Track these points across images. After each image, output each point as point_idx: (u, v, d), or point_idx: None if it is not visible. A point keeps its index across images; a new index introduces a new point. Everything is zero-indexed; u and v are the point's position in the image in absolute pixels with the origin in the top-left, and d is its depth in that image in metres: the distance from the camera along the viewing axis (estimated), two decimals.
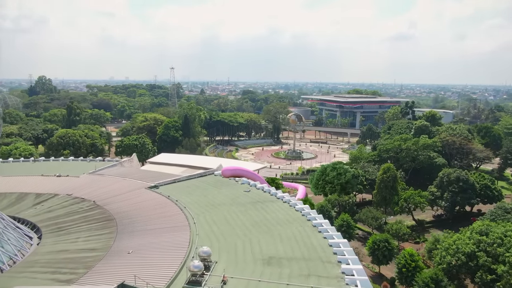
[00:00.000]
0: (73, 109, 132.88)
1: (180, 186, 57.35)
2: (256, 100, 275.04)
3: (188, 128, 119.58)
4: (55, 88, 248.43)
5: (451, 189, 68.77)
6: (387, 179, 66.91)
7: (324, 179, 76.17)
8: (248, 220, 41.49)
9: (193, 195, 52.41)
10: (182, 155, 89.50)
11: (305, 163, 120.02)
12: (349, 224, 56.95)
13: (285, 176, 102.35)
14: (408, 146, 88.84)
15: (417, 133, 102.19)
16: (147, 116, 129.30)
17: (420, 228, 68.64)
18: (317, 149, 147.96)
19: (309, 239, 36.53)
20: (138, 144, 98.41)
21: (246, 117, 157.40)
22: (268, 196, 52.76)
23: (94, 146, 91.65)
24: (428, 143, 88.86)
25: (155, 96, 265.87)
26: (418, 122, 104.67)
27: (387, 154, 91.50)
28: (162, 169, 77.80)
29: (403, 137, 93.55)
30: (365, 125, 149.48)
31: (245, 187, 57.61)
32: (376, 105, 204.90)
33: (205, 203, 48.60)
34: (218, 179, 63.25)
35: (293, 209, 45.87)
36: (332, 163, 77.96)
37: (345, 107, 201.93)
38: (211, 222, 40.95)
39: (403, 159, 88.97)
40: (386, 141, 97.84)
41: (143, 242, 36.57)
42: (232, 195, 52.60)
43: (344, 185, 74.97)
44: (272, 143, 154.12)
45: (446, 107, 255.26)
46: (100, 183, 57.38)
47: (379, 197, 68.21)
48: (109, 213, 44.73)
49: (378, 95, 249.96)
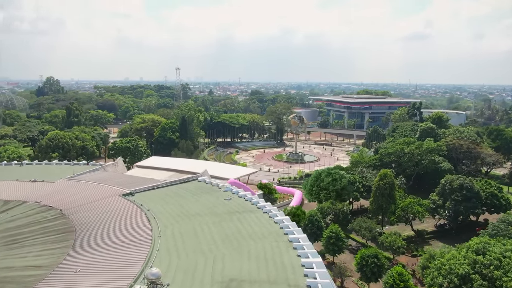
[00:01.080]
0: (72, 110, 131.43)
1: (158, 193, 54.24)
2: (264, 101, 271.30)
3: (185, 130, 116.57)
4: (63, 89, 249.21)
5: (453, 198, 63.81)
6: (384, 186, 62.35)
7: (319, 185, 72.02)
8: (219, 233, 37.99)
9: (169, 204, 49.21)
10: (172, 158, 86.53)
11: (306, 166, 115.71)
12: (338, 236, 52.74)
13: (282, 180, 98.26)
14: (411, 150, 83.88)
15: (422, 136, 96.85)
16: (145, 118, 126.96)
17: (419, 239, 63.83)
18: (320, 151, 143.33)
19: (281, 257, 32.73)
20: (131, 147, 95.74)
21: (248, 118, 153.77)
22: (248, 206, 49.12)
23: (85, 148, 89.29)
24: (432, 147, 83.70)
25: (162, 97, 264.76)
26: (424, 125, 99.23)
27: (389, 158, 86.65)
28: (149, 173, 74.86)
29: (406, 140, 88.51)
30: (371, 127, 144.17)
31: (227, 194, 54.27)
32: (385, 106, 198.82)
33: (179, 212, 45.35)
34: (201, 185, 59.96)
35: (271, 221, 42.12)
36: (327, 168, 73.74)
37: (353, 108, 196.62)
38: (178, 235, 37.53)
39: (405, 163, 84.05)
40: (388, 144, 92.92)
41: (96, 258, 33.31)
42: (210, 204, 49.26)
43: (340, 192, 70.72)
44: (274, 145, 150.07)
45: (460, 108, 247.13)
46: (73, 190, 54.52)
47: (375, 205, 63.69)
48: (71, 224, 41.66)
49: (388, 96, 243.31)
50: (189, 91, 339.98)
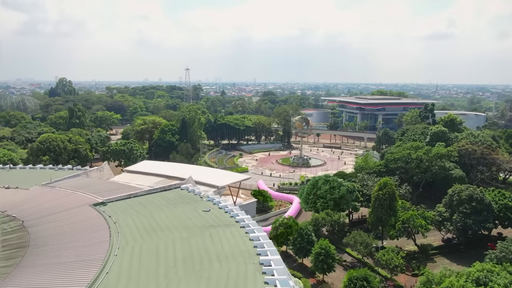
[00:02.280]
0: (75, 111, 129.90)
1: (133, 203, 50.65)
2: (276, 102, 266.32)
3: (185, 132, 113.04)
4: (74, 89, 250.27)
5: (461, 210, 57.78)
6: (383, 197, 56.89)
7: (316, 193, 66.96)
8: (184, 252, 33.90)
9: (140, 215, 45.53)
10: (165, 163, 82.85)
11: (311, 171, 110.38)
12: (328, 252, 47.76)
13: (282, 186, 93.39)
14: (418, 156, 77.81)
15: (433, 140, 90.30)
16: (146, 119, 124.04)
17: (423, 255, 58.04)
18: (328, 155, 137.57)
19: (245, 285, 28.41)
20: (126, 150, 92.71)
21: (254, 120, 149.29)
22: (226, 219, 45.03)
23: (77, 152, 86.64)
24: (442, 152, 77.35)
25: (173, 97, 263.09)
26: (434, 128, 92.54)
27: (395, 164, 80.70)
28: (136, 178, 71.26)
29: (414, 145, 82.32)
30: (382, 129, 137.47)
31: (207, 205, 50.35)
32: (400, 107, 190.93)
33: (148, 226, 41.56)
34: (182, 193, 56.16)
35: (246, 238, 37.83)
36: (325, 175, 68.52)
37: (366, 109, 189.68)
38: (136, 254, 33.57)
39: (413, 170, 78.02)
40: (395, 149, 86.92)
41: (34, 283, 29.75)
42: (185, 216, 45.38)
43: (338, 201, 65.46)
44: (281, 148, 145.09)
45: (481, 109, 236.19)
46: (44, 198, 51.46)
47: (374, 217, 58.22)
48: (26, 239, 38.34)
49: (403, 96, 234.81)
50: (201, 92, 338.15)
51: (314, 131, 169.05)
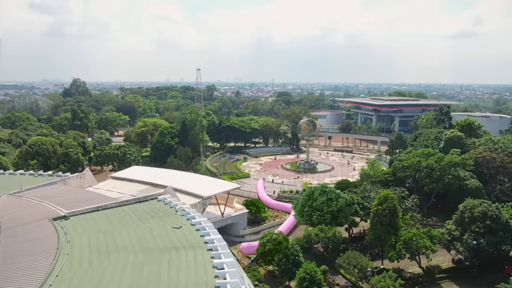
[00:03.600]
0: (77, 113, 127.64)
1: (99, 217, 46.23)
2: (290, 103, 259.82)
3: (186, 135, 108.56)
4: (87, 90, 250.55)
5: (474, 229, 50.64)
6: (383, 213, 50.42)
7: (311, 205, 60.89)
8: (130, 283, 29.05)
9: (100, 233, 41.02)
10: (155, 169, 78.41)
11: (318, 177, 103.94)
12: (314, 278, 41.84)
13: (282, 194, 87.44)
14: (429, 164, 70.52)
15: (448, 146, 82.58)
16: (147, 121, 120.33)
17: (428, 279, 51.20)
18: (338, 159, 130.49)
19: None
20: (119, 154, 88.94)
21: (262, 122, 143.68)
22: (194, 239, 40.04)
23: (68, 156, 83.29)
24: (456, 160, 69.84)
25: (187, 98, 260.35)
26: (449, 133, 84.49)
27: (403, 173, 73.61)
28: (120, 186, 66.92)
29: (425, 151, 74.90)
30: (396, 132, 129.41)
31: (181, 220, 45.54)
32: (418, 109, 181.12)
33: (103, 247, 36.97)
34: (157, 206, 51.40)
35: (210, 265, 32.63)
36: (321, 185, 62.25)
37: (382, 111, 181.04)
38: (73, 286, 28.95)
39: (423, 180, 70.78)
40: (405, 155, 79.65)
41: None
42: (149, 235, 40.57)
43: (336, 214, 59.26)
44: (288, 152, 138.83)
45: (506, 111, 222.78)
46: (7, 210, 47.51)
47: (373, 235, 51.81)
48: None
49: (423, 97, 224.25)
50: (218, 92, 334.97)
51: (325, 134, 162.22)
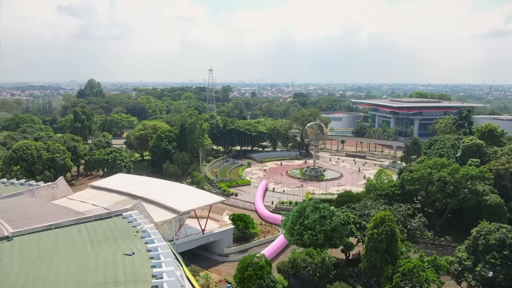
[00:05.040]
0: (79, 115, 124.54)
1: (47, 238, 41.20)
2: (306, 104, 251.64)
3: (184, 139, 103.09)
4: (101, 91, 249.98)
5: (488, 260, 42.52)
6: (378, 238, 42.96)
7: (302, 222, 53.85)
8: None
9: (36, 259, 36.10)
10: (140, 177, 73.15)
11: (322, 185, 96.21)
12: None
13: (280, 205, 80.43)
14: (441, 177, 62.12)
15: (466, 156, 73.59)
16: (146, 124, 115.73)
17: None
18: (348, 165, 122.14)
19: None
20: (109, 159, 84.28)
21: (269, 125, 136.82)
22: (142, 272, 34.31)
23: (54, 161, 79.16)
24: (472, 173, 61.16)
25: (200, 99, 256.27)
26: (468, 140, 75.36)
27: (412, 186, 65.43)
28: (96, 196, 61.52)
29: (438, 161, 66.35)
30: (412, 137, 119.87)
31: (136, 244, 39.79)
32: (440, 112, 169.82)
33: (30, 280, 32.03)
34: (118, 225, 45.86)
35: None
36: (313, 201, 55.11)
37: (400, 113, 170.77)
38: None
39: (434, 194, 62.43)
40: (415, 166, 71.29)
41: None
42: (92, 264, 34.94)
43: (330, 234, 52.03)
44: (297, 157, 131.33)
45: None
46: None
47: (367, 263, 44.44)
48: None
49: (446, 99, 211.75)
50: (231, 94, 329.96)
51: (338, 138, 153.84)
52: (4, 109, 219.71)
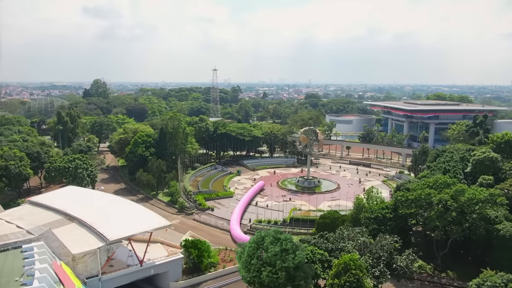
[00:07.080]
0: (62, 117, 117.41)
1: None
2: (317, 106, 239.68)
3: (164, 145, 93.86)
4: (105, 91, 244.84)
5: None
6: None
7: (260, 256, 43.40)
8: None
9: None
10: (90, 191, 64.24)
11: (313, 199, 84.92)
12: None
13: (256, 225, 69.75)
14: (442, 199, 50.28)
15: (476, 172, 61.09)
16: (127, 127, 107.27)
17: None
18: (350, 175, 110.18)
19: None
20: (71, 167, 75.87)
21: (266, 128, 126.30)
22: None
23: (7, 169, 71.30)
24: (480, 197, 49.05)
25: (208, 100, 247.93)
26: (479, 153, 62.66)
27: (407, 209, 53.77)
28: (26, 216, 52.05)
29: (439, 180, 54.38)
30: (422, 144, 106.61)
31: None
32: (459, 115, 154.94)
33: None
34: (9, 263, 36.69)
35: None
36: (274, 231, 44.41)
37: (414, 116, 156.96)
38: None
39: (432, 222, 50.64)
40: (413, 184, 59.40)
41: None
42: None
43: (293, 273, 41.33)
44: (294, 164, 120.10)
45: None
46: None
47: None
48: None
49: (466, 101, 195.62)
50: (241, 94, 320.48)
51: (342, 143, 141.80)
52: (8, 109, 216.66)
